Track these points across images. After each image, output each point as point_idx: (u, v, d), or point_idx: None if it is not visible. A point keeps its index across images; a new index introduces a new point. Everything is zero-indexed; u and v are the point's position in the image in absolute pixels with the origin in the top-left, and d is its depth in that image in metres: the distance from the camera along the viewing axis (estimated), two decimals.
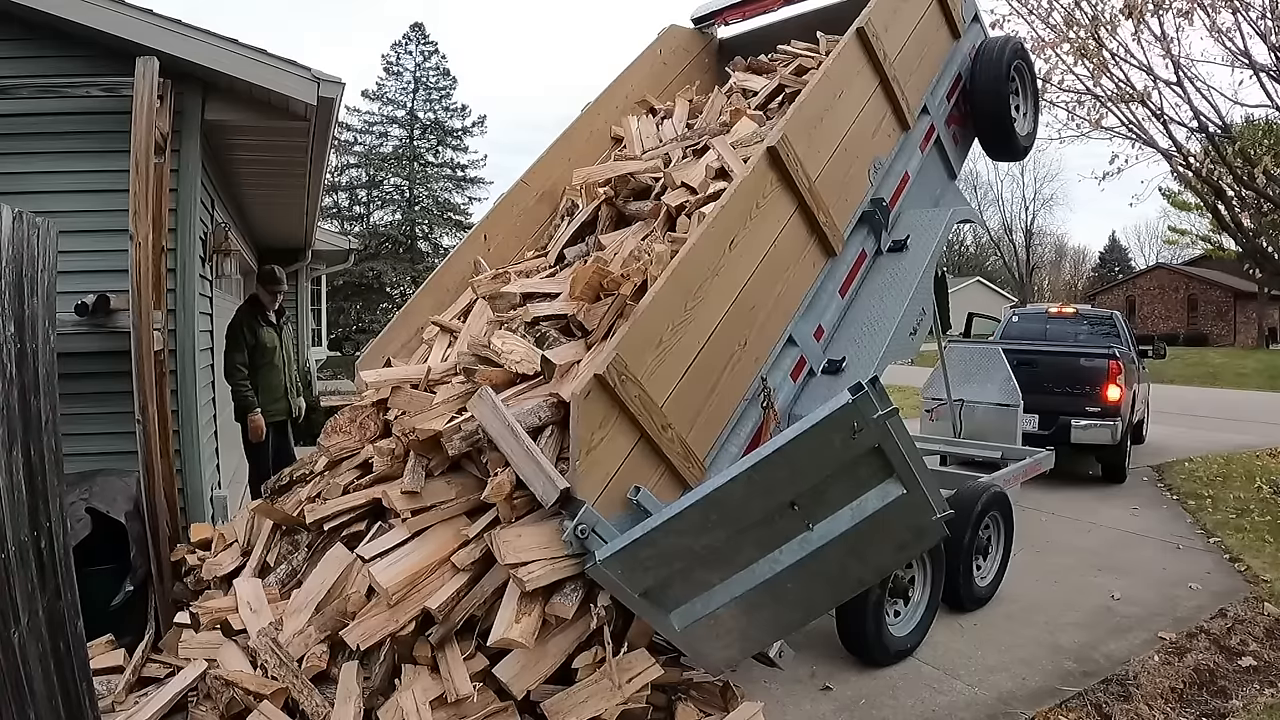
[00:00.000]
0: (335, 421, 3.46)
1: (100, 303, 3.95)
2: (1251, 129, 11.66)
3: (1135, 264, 50.66)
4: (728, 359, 3.16)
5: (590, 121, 4.80)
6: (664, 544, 2.55)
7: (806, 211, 3.54)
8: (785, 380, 3.49)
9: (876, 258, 4.04)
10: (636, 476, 2.82)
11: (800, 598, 2.82)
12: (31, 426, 2.02)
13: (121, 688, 2.83)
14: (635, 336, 2.79)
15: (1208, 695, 3.52)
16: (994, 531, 4.69)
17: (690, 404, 2.99)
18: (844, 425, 2.54)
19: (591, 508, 2.61)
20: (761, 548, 2.69)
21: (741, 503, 2.56)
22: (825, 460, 2.60)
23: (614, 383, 2.68)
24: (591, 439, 2.66)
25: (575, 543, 2.56)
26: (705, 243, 3.06)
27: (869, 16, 3.96)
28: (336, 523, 3.13)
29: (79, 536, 3.27)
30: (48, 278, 2.20)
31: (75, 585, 2.20)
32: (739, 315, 3.19)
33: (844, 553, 2.73)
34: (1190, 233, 36.59)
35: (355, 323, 30.89)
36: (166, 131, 4.05)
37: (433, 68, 34.42)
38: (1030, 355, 7.73)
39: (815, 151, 3.57)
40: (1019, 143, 5.10)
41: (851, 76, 3.91)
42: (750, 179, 3.25)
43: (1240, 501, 6.94)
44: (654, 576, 2.60)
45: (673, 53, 5.32)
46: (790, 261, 3.50)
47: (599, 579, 2.57)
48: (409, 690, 2.57)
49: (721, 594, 2.70)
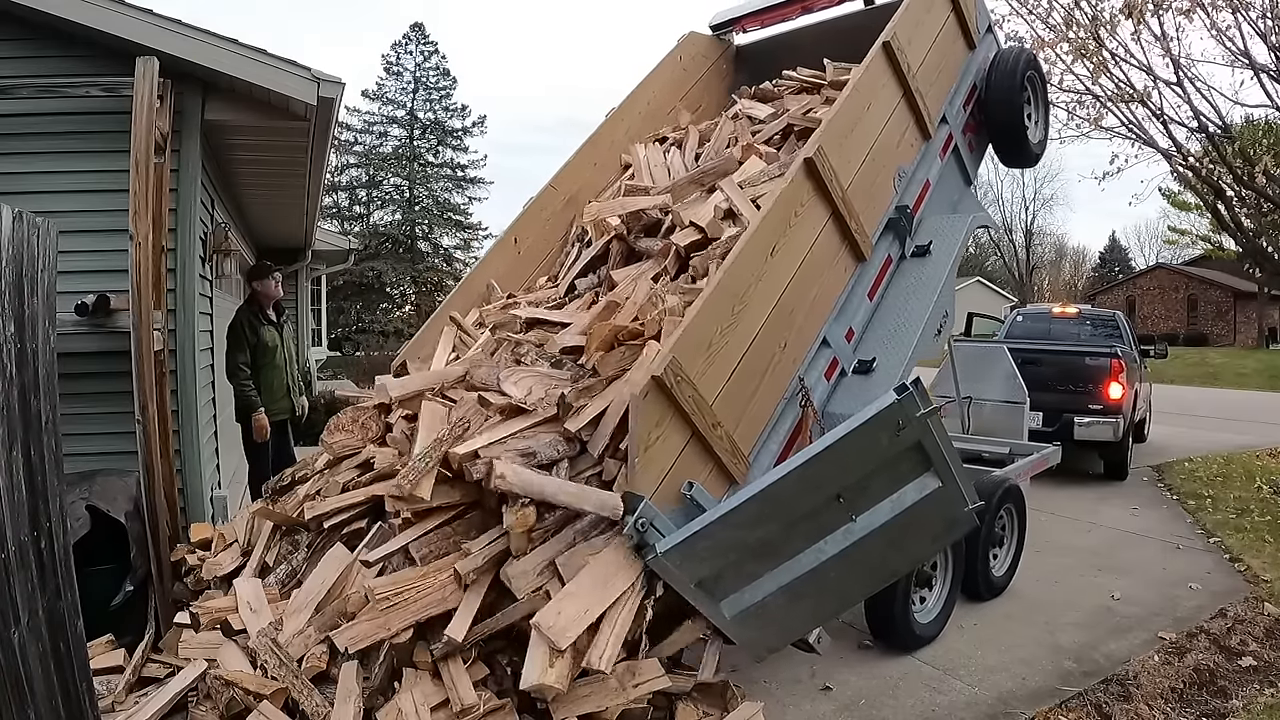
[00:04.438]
0: (338, 420, 3.47)
1: (100, 303, 3.95)
2: (1251, 129, 11.68)
3: (1135, 264, 50.69)
4: (769, 360, 3.31)
5: (614, 127, 4.94)
6: (721, 536, 2.69)
7: (839, 219, 3.69)
8: (820, 380, 3.64)
9: (900, 262, 4.19)
10: (688, 473, 2.95)
11: (841, 586, 2.98)
12: (31, 426, 2.02)
13: (121, 688, 2.84)
14: (688, 340, 2.91)
15: (1208, 695, 3.52)
16: (1008, 523, 4.88)
17: (736, 403, 3.13)
18: (890, 423, 2.72)
19: (650, 502, 2.73)
20: (808, 539, 2.84)
21: (794, 496, 2.73)
22: (871, 455, 2.77)
23: (670, 383, 2.80)
24: (649, 437, 2.78)
25: (635, 536, 2.69)
26: (749, 251, 3.20)
27: (894, 31, 4.08)
28: (336, 520, 3.14)
29: (79, 535, 3.27)
30: (48, 278, 2.20)
31: (75, 585, 2.20)
32: (779, 319, 3.34)
33: (883, 543, 2.89)
34: (1190, 233, 36.61)
35: (355, 323, 30.90)
36: (166, 131, 4.05)
37: (433, 68, 34.44)
38: (1035, 354, 7.84)
39: (847, 161, 3.71)
40: (1031, 150, 5.25)
41: (878, 89, 4.05)
42: (789, 189, 3.38)
43: (1240, 501, 6.94)
44: (709, 567, 2.76)
45: (692, 59, 5.45)
46: (825, 267, 3.66)
47: (659, 569, 2.70)
48: (408, 693, 2.56)
49: (769, 583, 2.85)
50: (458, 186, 34.85)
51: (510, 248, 4.45)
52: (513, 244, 4.46)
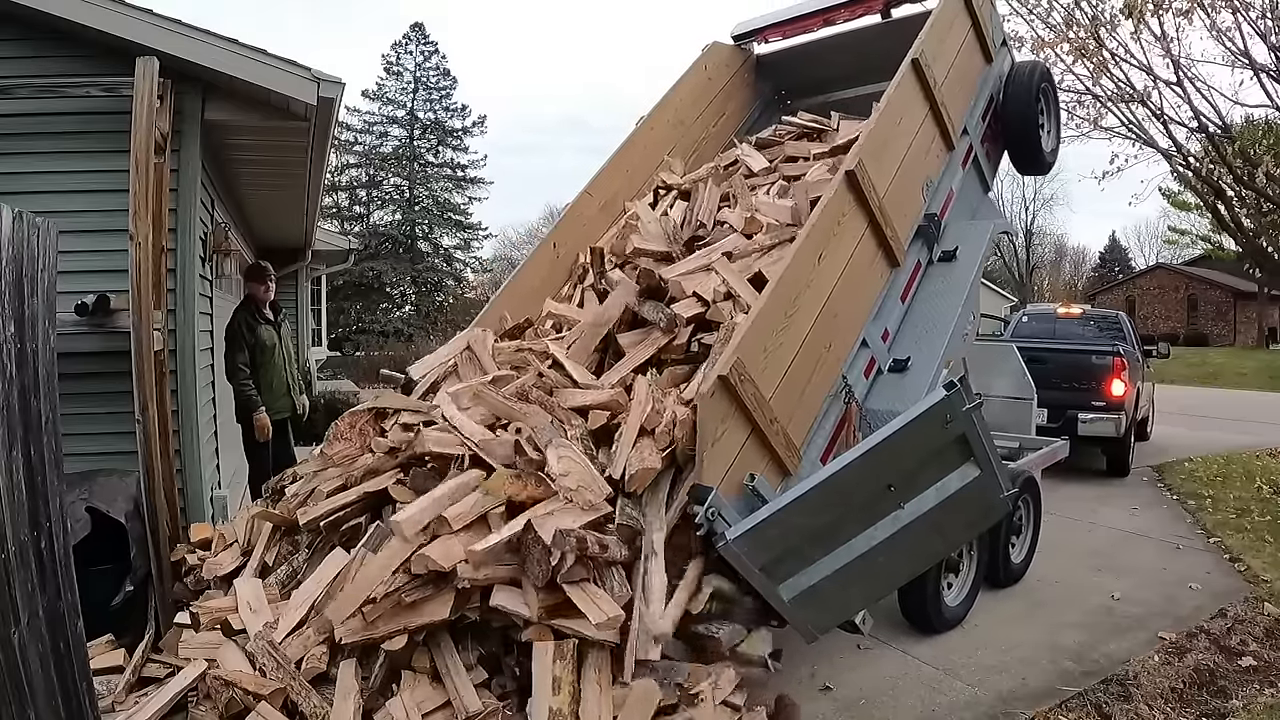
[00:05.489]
0: (337, 428, 3.51)
1: (100, 303, 3.95)
2: (1251, 129, 11.68)
3: (1135, 264, 50.62)
4: (817, 360, 3.53)
5: (645, 135, 5.16)
6: (787, 523, 2.90)
7: (876, 227, 3.92)
8: (859, 378, 3.86)
9: (928, 267, 4.43)
10: (749, 466, 3.15)
11: (888, 569, 3.24)
12: (31, 426, 2.02)
13: (121, 688, 2.83)
14: (749, 342, 3.11)
15: (1208, 695, 3.52)
16: (1025, 514, 5.15)
17: (789, 400, 3.34)
18: (940, 416, 3.00)
19: (718, 493, 2.91)
20: (861, 525, 3.08)
21: (852, 485, 2.97)
22: (921, 446, 3.05)
23: (735, 382, 2.99)
24: (716, 432, 2.97)
25: (705, 524, 2.86)
26: (800, 259, 3.44)
27: (921, 48, 4.30)
28: (332, 519, 3.14)
29: (79, 536, 3.27)
30: (48, 278, 2.20)
31: (75, 585, 2.20)
32: (826, 321, 3.56)
33: (927, 528, 3.15)
34: (1190, 233, 36.65)
35: (355, 323, 30.89)
36: (166, 131, 4.04)
37: (433, 68, 34.41)
38: (1040, 353, 7.97)
39: (882, 173, 3.95)
40: (1045, 159, 5.52)
41: (908, 104, 4.29)
42: (833, 200, 3.62)
43: (1240, 501, 6.94)
44: (773, 553, 2.97)
45: (717, 68, 5.69)
46: (864, 272, 3.90)
47: (727, 555, 2.88)
48: (403, 696, 2.56)
49: (824, 567, 3.07)
50: (458, 186, 34.83)
51: (549, 251, 4.71)
52: (552, 248, 4.72)
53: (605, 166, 4.97)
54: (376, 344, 27.65)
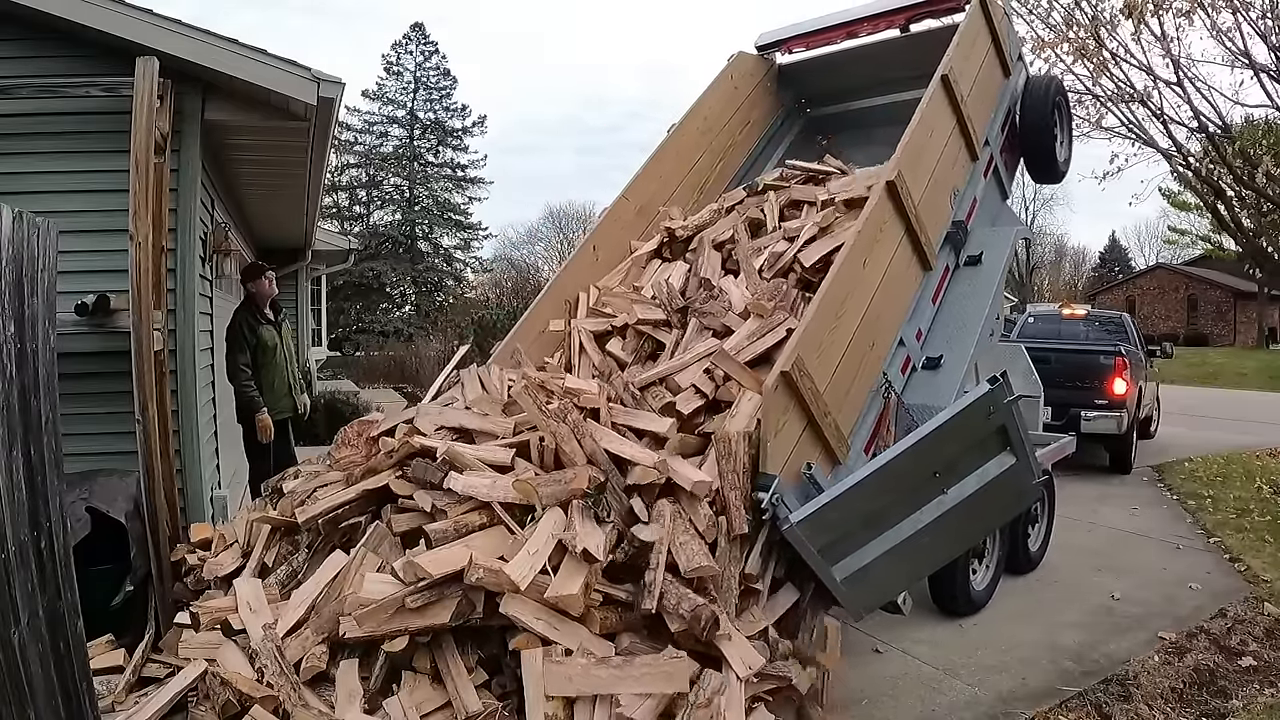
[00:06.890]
0: (344, 434, 3.53)
1: (100, 303, 3.95)
2: (1251, 129, 11.67)
3: (1135, 264, 50.58)
4: (861, 358, 3.76)
5: (677, 141, 5.37)
6: (846, 507, 3.09)
7: (912, 233, 4.15)
8: (897, 374, 4.07)
9: (955, 271, 4.66)
10: (805, 455, 3.37)
11: (931, 551, 3.48)
12: (31, 426, 2.02)
13: (121, 688, 2.83)
14: (806, 340, 3.33)
15: (1208, 695, 3.52)
16: (1040, 505, 5.36)
17: (838, 394, 3.57)
18: (984, 408, 3.25)
19: (781, 480, 3.11)
20: (909, 509, 3.28)
21: (905, 472, 3.17)
22: (966, 436, 3.28)
23: (795, 377, 3.21)
24: (777, 424, 3.18)
25: (770, 509, 3.06)
26: (848, 264, 3.67)
27: (950, 64, 4.53)
28: (330, 517, 3.14)
29: (79, 536, 3.27)
30: (48, 278, 2.20)
31: (75, 585, 2.20)
32: (869, 322, 3.79)
33: (967, 512, 3.37)
34: (1190, 233, 36.65)
35: (355, 323, 30.92)
36: (166, 131, 4.04)
37: (433, 68, 34.47)
38: (1045, 352, 8.05)
39: (917, 183, 4.17)
40: (1059, 168, 5.80)
41: (939, 117, 4.51)
42: (876, 209, 3.86)
43: (1240, 501, 6.94)
44: (830, 535, 3.16)
45: (742, 77, 5.90)
46: (901, 276, 4.14)
47: (790, 538, 3.08)
48: (401, 697, 2.56)
49: (874, 549, 3.27)
50: (458, 186, 34.88)
51: (589, 254, 4.92)
52: (591, 251, 4.94)
53: (640, 172, 5.22)
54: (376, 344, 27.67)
